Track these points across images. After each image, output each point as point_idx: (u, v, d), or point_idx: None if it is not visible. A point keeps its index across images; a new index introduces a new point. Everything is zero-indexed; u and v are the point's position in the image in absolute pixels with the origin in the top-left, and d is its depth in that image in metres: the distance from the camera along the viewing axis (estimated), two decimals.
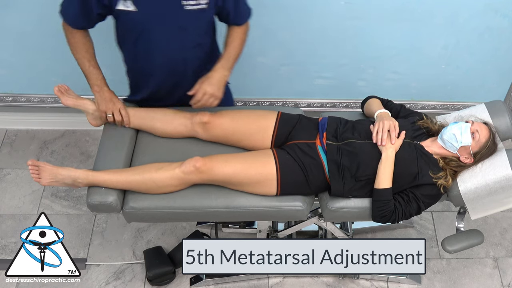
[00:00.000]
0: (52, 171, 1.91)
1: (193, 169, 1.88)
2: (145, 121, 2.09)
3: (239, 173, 1.90)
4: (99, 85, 2.04)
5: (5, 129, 2.96)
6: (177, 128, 2.06)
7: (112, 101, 2.06)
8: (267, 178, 1.91)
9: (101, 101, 2.05)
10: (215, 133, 2.03)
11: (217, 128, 2.02)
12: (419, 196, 1.90)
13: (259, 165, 1.92)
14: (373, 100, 2.13)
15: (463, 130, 1.92)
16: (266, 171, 1.91)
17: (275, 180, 1.92)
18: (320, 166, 1.94)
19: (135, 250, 2.50)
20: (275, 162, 1.93)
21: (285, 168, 1.92)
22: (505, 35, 2.49)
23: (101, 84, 2.05)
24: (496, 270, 2.48)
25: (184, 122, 2.05)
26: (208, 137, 2.06)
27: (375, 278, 2.42)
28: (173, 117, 2.06)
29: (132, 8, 1.84)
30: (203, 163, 1.88)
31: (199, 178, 1.90)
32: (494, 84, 2.75)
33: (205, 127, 2.03)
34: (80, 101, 2.09)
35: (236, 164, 1.91)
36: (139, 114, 2.09)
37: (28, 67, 2.64)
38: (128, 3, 1.83)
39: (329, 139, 1.97)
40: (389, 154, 1.89)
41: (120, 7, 1.85)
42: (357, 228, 2.54)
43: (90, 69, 2.02)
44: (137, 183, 1.91)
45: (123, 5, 1.84)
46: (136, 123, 2.09)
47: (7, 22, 2.44)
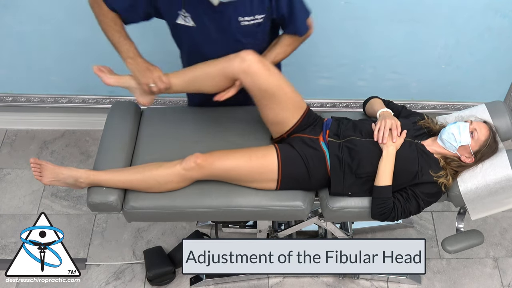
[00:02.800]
0: (54, 170, 1.91)
1: (194, 165, 1.88)
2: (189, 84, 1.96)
3: (241, 166, 1.90)
4: (132, 57, 1.90)
5: (5, 129, 2.96)
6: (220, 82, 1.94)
7: (149, 69, 1.91)
8: (268, 169, 1.92)
9: (138, 73, 1.91)
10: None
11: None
12: (419, 194, 1.90)
13: (260, 156, 1.93)
14: (375, 100, 2.14)
15: (462, 130, 1.93)
16: (267, 162, 1.92)
17: (276, 171, 1.92)
18: (322, 157, 1.95)
19: (135, 250, 2.50)
20: (277, 154, 1.94)
21: (286, 159, 1.93)
22: (505, 35, 2.49)
23: (134, 55, 1.91)
24: (496, 270, 2.48)
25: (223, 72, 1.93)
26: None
27: (375, 278, 2.42)
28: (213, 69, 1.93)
29: (191, 24, 1.86)
30: (203, 159, 1.89)
31: (200, 174, 1.91)
32: (494, 84, 2.75)
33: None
34: (122, 78, 1.95)
35: (237, 157, 1.91)
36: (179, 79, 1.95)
37: (28, 67, 2.64)
38: (188, 18, 1.84)
39: (331, 136, 1.98)
40: (390, 151, 1.89)
41: (179, 21, 1.86)
42: (357, 228, 2.54)
43: (120, 40, 1.90)
44: (139, 181, 1.91)
45: (183, 20, 1.86)
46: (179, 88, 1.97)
47: (7, 22, 2.44)
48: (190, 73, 1.95)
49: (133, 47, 1.92)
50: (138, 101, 1.99)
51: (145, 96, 1.97)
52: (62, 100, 2.77)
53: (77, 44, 2.52)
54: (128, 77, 1.95)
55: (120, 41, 1.90)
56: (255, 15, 1.85)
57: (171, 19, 1.89)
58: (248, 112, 2.19)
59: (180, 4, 1.82)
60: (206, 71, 1.92)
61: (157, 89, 1.92)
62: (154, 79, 1.90)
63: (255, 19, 1.86)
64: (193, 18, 1.85)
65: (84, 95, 2.76)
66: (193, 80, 1.95)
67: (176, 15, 1.85)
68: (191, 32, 1.90)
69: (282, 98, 1.94)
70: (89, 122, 2.89)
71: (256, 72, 1.85)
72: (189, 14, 1.84)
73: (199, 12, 1.83)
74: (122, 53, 1.92)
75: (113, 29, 1.90)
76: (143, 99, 1.97)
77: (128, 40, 1.92)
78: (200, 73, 1.93)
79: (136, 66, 1.91)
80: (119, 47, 1.91)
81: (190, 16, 1.84)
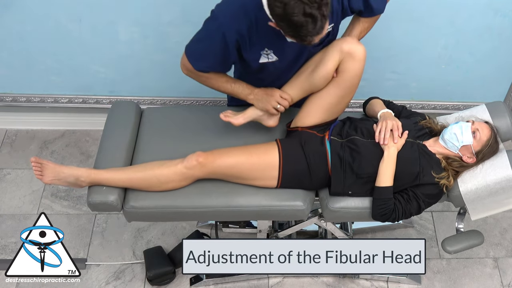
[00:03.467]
0: (55, 169, 1.91)
1: (196, 163, 1.88)
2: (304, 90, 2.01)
3: (242, 163, 1.91)
4: (250, 93, 2.00)
5: (5, 129, 2.95)
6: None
7: (268, 94, 1.98)
8: (269, 165, 1.93)
9: (261, 103, 1.99)
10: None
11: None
12: (420, 195, 1.90)
13: (261, 152, 1.95)
14: (376, 101, 2.14)
15: (464, 129, 1.93)
16: (268, 159, 1.93)
17: (277, 168, 1.93)
18: (324, 155, 1.95)
19: (135, 250, 2.50)
20: (278, 150, 1.95)
21: (287, 156, 1.94)
22: (505, 35, 2.49)
23: (250, 90, 2.00)
24: (496, 270, 2.48)
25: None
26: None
27: (375, 278, 2.42)
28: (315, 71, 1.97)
29: (274, 59, 1.90)
30: (205, 157, 1.89)
31: (202, 172, 1.91)
32: (494, 84, 2.75)
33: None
34: (247, 113, 2.03)
35: (238, 154, 1.92)
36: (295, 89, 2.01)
37: (28, 67, 2.64)
38: (271, 55, 1.88)
39: (334, 135, 1.99)
40: (391, 152, 1.89)
41: (263, 60, 1.90)
42: (357, 228, 2.54)
43: (233, 86, 2.00)
44: (140, 180, 1.91)
45: (266, 58, 1.90)
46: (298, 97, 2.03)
47: (7, 22, 2.44)
48: (301, 80, 1.99)
49: (245, 84, 2.00)
50: (267, 125, 2.06)
51: (272, 118, 2.05)
52: (62, 100, 2.77)
53: (77, 44, 2.52)
54: (252, 109, 2.03)
55: (233, 87, 2.00)
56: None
57: (254, 61, 1.91)
58: None
59: (263, 45, 1.85)
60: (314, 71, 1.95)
61: (283, 109, 2.00)
62: (278, 100, 1.97)
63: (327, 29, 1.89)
64: (275, 52, 1.88)
65: (84, 95, 2.76)
66: (308, 85, 1.98)
67: (259, 55, 1.89)
68: (274, 65, 1.94)
69: (349, 94, 2.00)
70: (89, 122, 2.89)
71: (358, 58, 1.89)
72: (271, 51, 1.88)
73: (281, 45, 1.86)
74: (240, 95, 2.01)
75: (220, 81, 1.99)
76: (272, 122, 2.06)
77: (238, 82, 2.00)
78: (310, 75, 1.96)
79: (257, 97, 1.99)
80: (235, 92, 2.01)
81: (273, 52, 1.88)
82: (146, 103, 2.77)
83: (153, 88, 2.74)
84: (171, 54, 2.54)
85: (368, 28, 2.06)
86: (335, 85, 1.97)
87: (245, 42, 1.82)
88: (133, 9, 2.37)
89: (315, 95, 2.02)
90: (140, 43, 2.52)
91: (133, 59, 2.59)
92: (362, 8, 1.92)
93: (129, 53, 2.55)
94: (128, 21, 2.44)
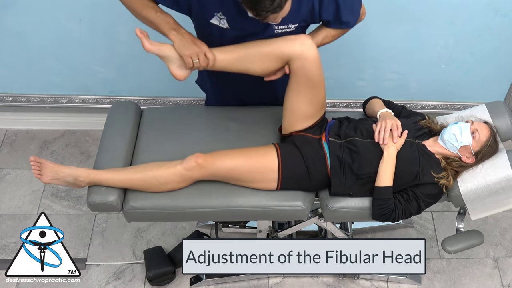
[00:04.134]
0: (54, 168, 1.91)
1: (195, 165, 1.88)
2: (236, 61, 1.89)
3: (241, 165, 1.91)
4: (176, 28, 1.82)
5: (5, 129, 2.95)
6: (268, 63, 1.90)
7: (195, 42, 1.82)
8: (268, 169, 1.92)
9: (183, 44, 1.81)
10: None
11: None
12: (419, 195, 1.90)
13: (260, 155, 1.94)
14: (375, 100, 2.14)
15: (463, 130, 1.92)
16: (267, 162, 1.92)
17: (276, 171, 1.92)
18: (323, 157, 1.95)
19: (135, 250, 2.50)
20: (277, 153, 1.94)
21: (286, 159, 1.93)
22: (505, 35, 2.49)
23: (177, 27, 1.83)
24: (496, 270, 2.48)
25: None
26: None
27: (375, 278, 2.42)
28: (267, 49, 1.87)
29: (226, 26, 1.83)
30: (204, 158, 1.89)
31: (201, 174, 1.91)
32: (494, 84, 2.75)
33: None
34: (163, 46, 1.85)
35: (237, 157, 1.92)
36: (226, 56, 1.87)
37: (28, 67, 2.64)
38: (223, 21, 1.82)
39: (332, 136, 1.98)
40: (391, 152, 1.89)
41: (214, 22, 1.83)
42: (357, 228, 2.54)
43: (158, 15, 1.82)
44: (139, 180, 1.91)
45: (218, 21, 1.82)
46: (223, 65, 1.89)
47: (7, 22, 2.44)
48: (239, 50, 1.87)
49: (173, 19, 1.84)
50: (173, 73, 1.90)
51: (182, 69, 1.89)
52: (62, 100, 2.77)
53: (78, 44, 2.52)
54: (169, 46, 1.85)
55: (158, 16, 1.82)
56: (288, 24, 1.85)
57: (204, 17, 1.84)
58: (249, 113, 2.19)
59: (218, 7, 1.80)
60: (259, 50, 1.86)
61: (199, 64, 1.84)
62: (199, 53, 1.82)
63: (288, 27, 1.86)
64: (229, 21, 1.83)
65: (84, 95, 2.76)
66: (242, 58, 1.87)
67: (211, 15, 1.82)
68: (223, 32, 1.87)
69: (318, 93, 1.95)
70: (89, 122, 2.89)
71: (310, 58, 1.84)
72: (225, 17, 1.82)
73: (236, 17, 1.81)
74: (163, 27, 1.83)
75: (146, 6, 1.82)
76: (180, 72, 1.89)
77: (166, 14, 1.84)
78: (252, 51, 1.87)
79: (181, 38, 1.82)
80: (159, 22, 1.83)
81: (226, 19, 1.82)
82: (146, 103, 2.77)
83: (153, 88, 2.74)
84: None
85: (335, 36, 2.00)
86: (297, 88, 1.92)
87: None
88: None
89: (287, 105, 1.99)
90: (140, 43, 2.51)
91: (133, 59, 2.59)
92: (331, 18, 1.89)
93: (129, 53, 2.55)
94: (128, 21, 2.43)
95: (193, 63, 1.84)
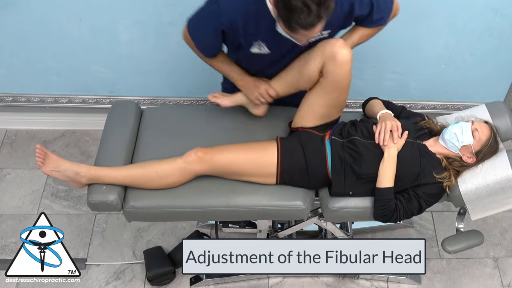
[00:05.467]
0: (57, 161, 1.95)
1: (195, 157, 1.90)
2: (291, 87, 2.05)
3: (240, 158, 1.93)
4: (240, 78, 2.06)
5: (5, 129, 2.95)
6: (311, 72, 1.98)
7: (256, 86, 2.05)
8: (267, 162, 1.94)
9: (247, 90, 2.06)
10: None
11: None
12: (421, 195, 1.90)
13: (260, 149, 1.97)
14: (375, 101, 2.14)
15: (464, 129, 1.93)
16: (266, 155, 1.95)
17: (275, 165, 1.94)
18: (323, 156, 1.95)
19: (135, 250, 2.50)
20: (277, 147, 1.97)
21: (285, 152, 1.95)
22: (505, 35, 2.49)
23: (242, 76, 2.06)
24: (496, 270, 2.48)
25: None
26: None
27: (375, 278, 2.42)
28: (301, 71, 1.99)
29: (266, 51, 1.93)
30: (204, 152, 1.92)
31: (201, 167, 1.92)
32: (494, 84, 2.75)
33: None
34: (235, 97, 2.11)
35: (237, 150, 1.95)
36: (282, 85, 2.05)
37: (28, 67, 2.64)
38: (263, 47, 1.91)
39: (335, 135, 1.99)
40: (391, 153, 1.89)
41: (254, 50, 1.93)
42: (357, 228, 2.54)
43: (227, 67, 2.06)
44: (140, 176, 1.92)
45: (258, 49, 1.92)
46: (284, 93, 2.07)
47: (7, 22, 2.44)
48: (289, 76, 2.02)
49: (238, 68, 2.06)
50: (253, 113, 2.14)
51: (259, 107, 2.12)
52: (62, 100, 2.77)
53: (77, 44, 2.52)
54: (240, 94, 2.11)
55: (227, 68, 2.06)
56: (321, 32, 1.86)
57: (246, 49, 1.93)
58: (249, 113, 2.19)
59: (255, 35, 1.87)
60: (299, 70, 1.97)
61: (265, 102, 2.07)
62: (262, 94, 2.03)
63: (321, 35, 1.90)
64: (268, 46, 1.91)
65: (84, 95, 2.76)
66: (296, 82, 2.02)
67: (250, 44, 1.91)
68: (263, 57, 1.96)
69: (341, 96, 2.00)
70: (89, 122, 2.89)
71: (341, 60, 1.87)
72: (264, 44, 1.90)
73: (275, 42, 1.87)
74: (232, 78, 2.07)
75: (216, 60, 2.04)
76: (257, 110, 2.13)
77: (233, 65, 2.06)
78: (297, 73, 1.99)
79: (245, 85, 2.06)
80: (227, 73, 2.07)
81: (266, 45, 1.90)
82: (146, 103, 2.77)
83: (153, 88, 2.74)
84: (171, 54, 2.54)
85: (369, 35, 2.05)
86: (321, 88, 1.97)
87: (238, 31, 1.84)
88: (133, 9, 2.37)
89: (306, 99, 2.04)
90: (140, 43, 2.52)
91: (133, 59, 2.59)
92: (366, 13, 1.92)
93: (129, 53, 2.55)
94: (128, 21, 2.44)
95: (261, 102, 2.07)
